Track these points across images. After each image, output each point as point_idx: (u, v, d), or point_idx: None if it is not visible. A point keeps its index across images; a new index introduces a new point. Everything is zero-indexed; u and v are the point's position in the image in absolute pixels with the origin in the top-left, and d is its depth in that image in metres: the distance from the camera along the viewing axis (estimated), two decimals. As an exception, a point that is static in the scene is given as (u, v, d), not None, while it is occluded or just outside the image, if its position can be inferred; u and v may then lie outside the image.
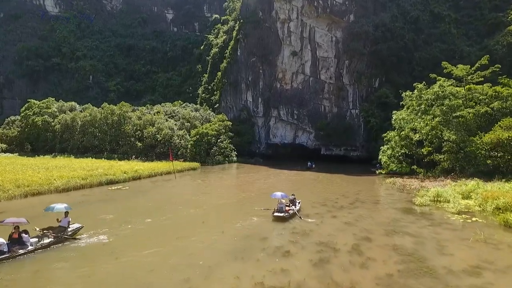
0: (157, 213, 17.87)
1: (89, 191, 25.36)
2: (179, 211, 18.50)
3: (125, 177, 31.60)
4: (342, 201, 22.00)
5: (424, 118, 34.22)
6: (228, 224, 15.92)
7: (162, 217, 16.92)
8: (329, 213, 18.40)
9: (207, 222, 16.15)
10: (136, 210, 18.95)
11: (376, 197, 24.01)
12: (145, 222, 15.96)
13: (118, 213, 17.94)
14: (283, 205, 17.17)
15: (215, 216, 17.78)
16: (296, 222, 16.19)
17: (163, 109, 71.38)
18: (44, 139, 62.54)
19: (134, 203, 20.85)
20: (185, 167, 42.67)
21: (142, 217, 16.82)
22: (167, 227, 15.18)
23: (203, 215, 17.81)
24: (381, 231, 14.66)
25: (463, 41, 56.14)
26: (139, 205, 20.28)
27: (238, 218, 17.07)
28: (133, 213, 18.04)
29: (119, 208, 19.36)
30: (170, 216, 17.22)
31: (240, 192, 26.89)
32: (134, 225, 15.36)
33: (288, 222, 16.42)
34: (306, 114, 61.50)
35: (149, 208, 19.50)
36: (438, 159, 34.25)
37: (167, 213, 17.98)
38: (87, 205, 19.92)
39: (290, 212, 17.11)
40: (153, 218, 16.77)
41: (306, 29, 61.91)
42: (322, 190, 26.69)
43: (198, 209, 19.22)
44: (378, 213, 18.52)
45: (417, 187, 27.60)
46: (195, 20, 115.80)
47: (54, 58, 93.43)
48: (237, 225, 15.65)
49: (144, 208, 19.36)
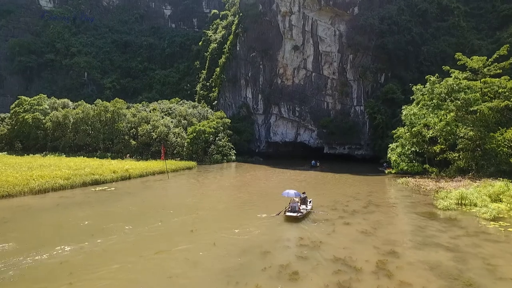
0: (140, 219, 15.27)
1: (69, 192, 22.74)
2: (166, 217, 15.89)
3: (113, 177, 29.02)
4: (353, 204, 19.39)
5: (438, 113, 31.58)
6: (223, 233, 13.31)
7: (145, 225, 14.31)
8: (341, 219, 15.79)
9: (198, 231, 13.54)
10: (117, 215, 16.35)
11: (391, 200, 21.39)
12: (123, 230, 13.35)
13: (94, 219, 15.34)
14: (296, 204, 15.59)
15: (207, 222, 15.17)
16: (304, 231, 13.58)
17: (159, 106, 68.72)
18: (35, 137, 59.92)
19: (117, 207, 18.24)
20: (180, 166, 40.05)
21: (122, 224, 14.22)
22: (147, 238, 12.55)
23: (194, 221, 15.20)
24: (407, 243, 12.06)
25: (473, 34, 53.49)
26: (122, 209, 17.68)
27: (235, 225, 14.48)
28: (113, 219, 15.44)
29: (97, 212, 16.75)
30: (155, 223, 14.60)
31: (238, 193, 24.29)
32: (108, 234, 12.75)
33: (294, 230, 13.85)
34: (308, 111, 58.89)
35: (132, 212, 16.90)
36: (452, 157, 31.77)
37: (151, 219, 15.37)
38: (61, 209, 17.30)
39: (303, 211, 15.69)
40: (135, 225, 14.17)
41: (308, 22, 59.31)
42: (330, 192, 24.08)
43: (188, 214, 16.62)
44: (398, 219, 15.91)
45: (434, 188, 25.07)
46: (193, 16, 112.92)
47: (48, 54, 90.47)
48: (233, 235, 13.05)
49: (127, 213, 16.76)
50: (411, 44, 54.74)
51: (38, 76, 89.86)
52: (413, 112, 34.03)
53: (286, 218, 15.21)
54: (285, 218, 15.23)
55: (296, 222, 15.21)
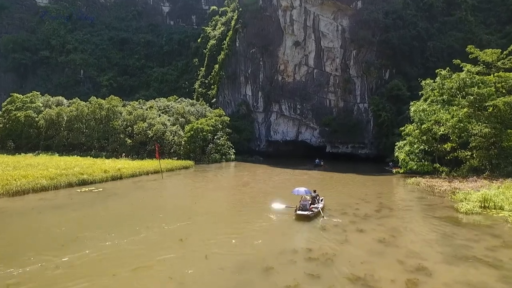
0: (124, 225, 13.33)
1: (52, 193, 20.78)
2: (153, 222, 13.94)
3: (103, 176, 27.05)
4: (364, 207, 17.46)
5: (450, 109, 29.66)
6: (217, 242, 11.38)
7: (128, 232, 12.37)
8: (353, 224, 13.86)
9: (188, 240, 11.60)
10: (98, 220, 14.42)
11: (404, 202, 19.43)
12: (100, 239, 11.40)
13: (71, 224, 13.40)
14: (307, 202, 14.91)
15: (201, 229, 13.22)
16: (313, 241, 11.65)
17: (156, 104, 66.79)
18: (27, 135, 57.96)
19: (100, 210, 16.29)
20: (176, 166, 38.10)
21: (101, 232, 12.28)
22: (127, 249, 10.60)
23: (185, 227, 13.26)
24: (436, 256, 10.12)
25: (482, 29, 51.57)
26: (105, 213, 15.75)
27: (232, 232, 12.55)
28: (92, 224, 13.50)
29: (77, 217, 14.80)
30: (140, 230, 12.64)
31: (237, 195, 22.37)
32: (82, 245, 10.81)
33: (301, 239, 11.93)
34: (310, 109, 56.96)
35: (116, 217, 14.95)
36: (464, 156, 29.91)
37: (137, 224, 13.42)
38: (35, 213, 15.33)
39: (315, 210, 14.96)
40: (116, 232, 12.23)
41: (310, 17, 57.38)
42: (336, 193, 22.13)
43: (180, 218, 14.67)
44: (417, 225, 13.97)
45: (448, 188, 23.14)
46: (192, 13, 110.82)
47: (43, 51, 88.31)
48: (229, 245, 11.12)
49: (110, 217, 14.83)
50: (417, 39, 52.87)
51: (33, 74, 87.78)
52: (423, 108, 32.11)
53: (297, 217, 14.41)
54: (296, 217, 14.43)
55: (303, 228, 13.32)
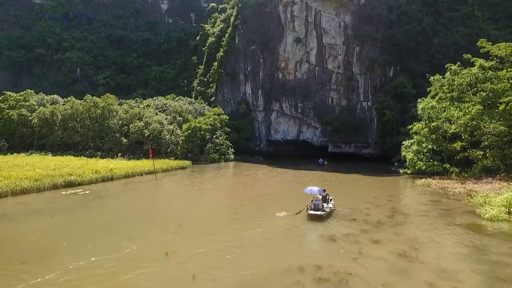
0: (103, 235, 11.63)
1: (33, 197, 19.07)
2: (138, 230, 12.23)
3: (93, 178, 25.34)
4: (375, 212, 15.76)
5: (462, 105, 27.96)
6: (208, 257, 9.67)
7: (107, 243, 10.68)
8: (365, 234, 12.16)
9: (175, 253, 9.90)
10: (76, 228, 12.72)
11: (418, 206, 17.72)
12: (73, 256, 9.69)
13: (43, 234, 11.71)
14: (319, 202, 14.47)
15: (191, 239, 11.51)
16: (321, 255, 9.94)
17: (154, 102, 65.07)
18: (20, 135, 56.29)
19: (81, 217, 14.59)
20: (172, 166, 36.36)
21: (76, 244, 10.59)
22: (98, 267, 8.88)
23: (174, 237, 11.55)
24: (473, 276, 8.43)
25: (489, 24, 49.88)
26: (85, 220, 14.04)
27: (227, 243, 10.85)
28: (67, 234, 11.80)
29: (52, 225, 13.11)
30: (120, 241, 10.94)
31: (235, 198, 20.67)
32: (45, 263, 9.10)
33: (307, 253, 10.23)
34: (311, 107, 55.24)
35: (98, 225, 13.25)
36: (476, 155, 28.22)
37: (119, 233, 11.72)
38: (6, 221, 13.60)
39: (327, 210, 14.64)
40: (93, 244, 10.55)
41: (311, 13, 55.64)
42: (343, 196, 20.40)
43: (168, 227, 12.97)
44: (440, 235, 12.26)
45: (463, 191, 21.45)
46: (191, 11, 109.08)
47: (38, 49, 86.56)
48: (222, 261, 9.42)
49: (90, 226, 13.12)
50: (422, 35, 51.17)
51: (28, 72, 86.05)
52: (431, 106, 30.40)
53: (309, 217, 14.08)
54: (308, 217, 14.09)
55: (310, 238, 11.66)
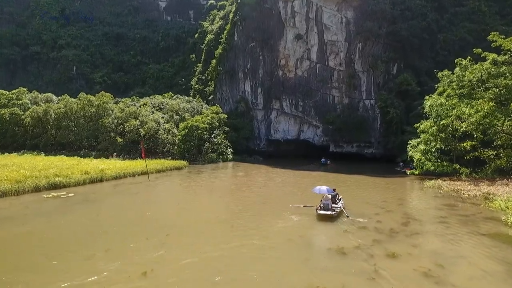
0: (76, 249, 10.01)
1: (10, 200, 17.47)
2: (117, 241, 10.63)
3: (80, 179, 23.74)
4: (386, 218, 14.16)
5: (473, 102, 26.38)
6: (194, 277, 8.06)
7: (76, 260, 9.06)
8: (379, 244, 10.57)
9: (156, 272, 8.29)
10: (46, 240, 11.12)
11: (433, 211, 16.11)
12: (28, 281, 8.08)
13: (4, 248, 10.09)
14: (328, 202, 14.20)
15: (176, 253, 9.89)
16: (330, 274, 8.34)
17: (151, 101, 63.52)
18: (13, 134, 54.78)
19: (56, 224, 12.99)
20: (167, 166, 34.79)
21: (40, 261, 8.97)
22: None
23: (157, 252, 9.93)
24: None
25: (496, 20, 48.33)
26: (59, 230, 12.43)
27: (218, 258, 9.24)
28: (34, 248, 10.20)
29: (19, 235, 11.50)
30: (94, 257, 9.33)
31: (232, 201, 19.07)
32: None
33: (312, 270, 8.62)
34: (312, 106, 53.68)
35: (72, 235, 11.63)
36: (488, 155, 26.72)
37: (93, 247, 10.11)
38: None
39: (337, 210, 14.29)
40: (61, 260, 8.94)
41: (312, 9, 54.02)
42: (349, 198, 18.71)
43: (154, 236, 11.35)
44: (464, 247, 10.66)
45: (478, 193, 19.88)
46: (190, 8, 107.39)
47: (33, 46, 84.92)
48: (209, 284, 7.80)
49: (62, 236, 11.51)
50: (426, 31, 49.68)
51: (23, 70, 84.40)
52: (440, 103, 28.81)
53: (319, 218, 13.67)
54: (318, 218, 13.68)
55: (315, 251, 10.06)
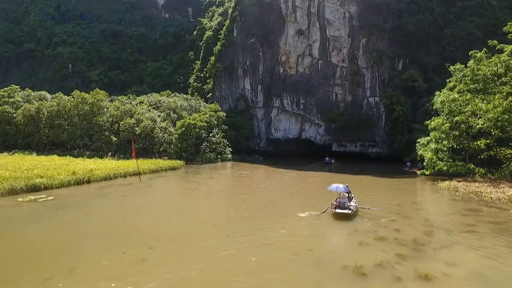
0: (33, 269, 8.11)
1: (-19, 205, 15.58)
2: (86, 261, 8.72)
3: (65, 180, 21.85)
4: (405, 226, 12.25)
5: (491, 97, 24.49)
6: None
7: (32, 282, 7.16)
8: (404, 261, 8.66)
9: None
10: (4, 256, 9.21)
11: (457, 217, 14.18)
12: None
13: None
14: (345, 200, 14.08)
15: (159, 273, 7.99)
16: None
17: (147, 99, 61.64)
18: (4, 133, 52.91)
19: (22, 234, 11.08)
20: (162, 167, 32.86)
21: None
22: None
23: (131, 274, 8.03)
24: None
25: (506, 14, 46.48)
26: (25, 239, 10.53)
27: (209, 280, 7.33)
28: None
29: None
30: (54, 278, 7.43)
31: (228, 205, 17.17)
32: None
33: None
34: (314, 104, 51.79)
35: (38, 248, 9.73)
36: (505, 154, 24.93)
37: (56, 266, 8.21)
38: None
39: (353, 208, 13.99)
40: (5, 284, 7.03)
41: (314, 3, 52.13)
42: (360, 203, 16.87)
43: (134, 251, 9.45)
44: (509, 264, 8.75)
45: (501, 196, 18.00)
46: (188, 5, 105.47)
47: (28, 43, 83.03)
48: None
49: (26, 249, 9.61)
50: (433, 26, 47.77)
51: (17, 67, 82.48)
52: (453, 98, 26.90)
53: (335, 216, 13.39)
54: (335, 216, 13.39)
55: (326, 270, 8.17)
